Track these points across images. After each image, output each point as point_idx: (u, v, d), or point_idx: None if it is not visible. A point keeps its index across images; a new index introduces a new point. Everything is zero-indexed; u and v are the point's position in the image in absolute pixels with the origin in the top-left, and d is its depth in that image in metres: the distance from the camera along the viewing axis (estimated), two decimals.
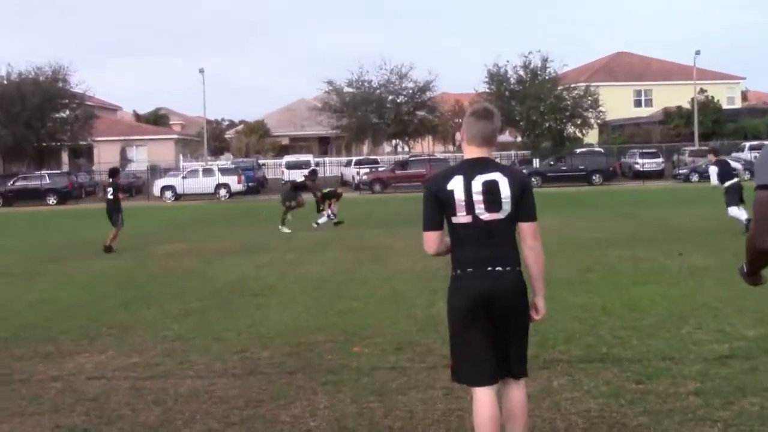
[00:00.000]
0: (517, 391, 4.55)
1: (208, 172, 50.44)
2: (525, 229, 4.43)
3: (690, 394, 5.94)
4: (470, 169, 4.44)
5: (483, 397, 4.43)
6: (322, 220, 23.12)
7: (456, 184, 4.40)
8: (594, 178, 49.02)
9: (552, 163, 51.46)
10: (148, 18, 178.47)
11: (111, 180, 19.42)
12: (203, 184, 49.36)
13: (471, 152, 4.50)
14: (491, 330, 4.42)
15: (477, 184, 4.37)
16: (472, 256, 4.42)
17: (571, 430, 5.40)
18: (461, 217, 4.40)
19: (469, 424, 5.54)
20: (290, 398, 6.36)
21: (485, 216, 4.37)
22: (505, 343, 4.46)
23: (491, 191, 4.36)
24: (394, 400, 6.19)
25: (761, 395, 5.82)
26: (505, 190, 4.36)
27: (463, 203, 4.38)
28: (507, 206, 4.37)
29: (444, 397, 6.20)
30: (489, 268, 4.38)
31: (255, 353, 7.89)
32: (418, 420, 5.71)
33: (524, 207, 4.41)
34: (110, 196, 18.92)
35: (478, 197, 4.36)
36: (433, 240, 4.51)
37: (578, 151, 53.05)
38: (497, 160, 4.70)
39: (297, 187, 23.72)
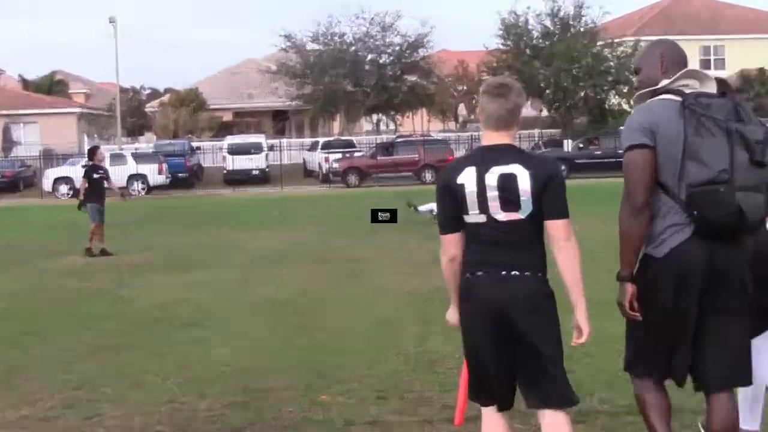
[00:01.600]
0: (553, 426, 4.71)
1: (118, 158, 49.72)
2: (553, 227, 4.66)
3: None
4: (485, 159, 4.71)
5: (487, 419, 4.84)
6: None
7: (467, 177, 4.68)
8: None
9: (581, 145, 50.65)
10: None
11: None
12: (112, 175, 49.05)
13: (488, 138, 4.78)
14: (506, 345, 4.71)
15: (492, 177, 4.63)
16: (484, 259, 4.71)
17: None
18: (474, 216, 4.69)
19: None
20: None
21: (501, 216, 4.63)
22: (526, 361, 4.71)
23: (508, 187, 4.60)
24: None
25: None
26: (524, 186, 4.59)
27: (476, 200, 4.65)
28: (527, 205, 4.61)
29: None
30: (504, 272, 4.65)
31: (189, 403, 7.94)
32: None
33: (550, 201, 4.63)
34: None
35: (492, 193, 4.61)
36: (449, 243, 4.83)
37: (622, 129, 52.91)
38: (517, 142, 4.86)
39: None
